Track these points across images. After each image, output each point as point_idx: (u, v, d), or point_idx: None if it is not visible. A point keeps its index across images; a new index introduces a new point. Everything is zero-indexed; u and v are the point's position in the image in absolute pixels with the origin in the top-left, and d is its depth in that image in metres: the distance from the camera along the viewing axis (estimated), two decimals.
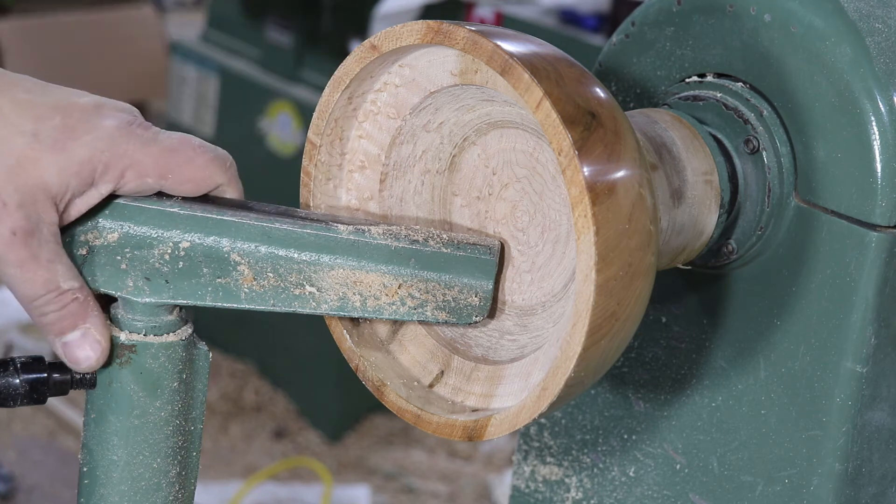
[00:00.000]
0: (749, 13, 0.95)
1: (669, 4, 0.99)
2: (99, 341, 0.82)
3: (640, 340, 1.05)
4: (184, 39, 3.70)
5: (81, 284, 0.81)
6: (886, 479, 0.98)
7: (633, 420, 1.06)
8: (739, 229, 0.95)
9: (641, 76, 1.02)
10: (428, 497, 3.01)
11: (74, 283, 0.81)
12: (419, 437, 3.20)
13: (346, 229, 0.84)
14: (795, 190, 0.94)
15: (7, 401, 0.82)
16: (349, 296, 0.84)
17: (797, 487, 0.96)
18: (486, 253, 0.87)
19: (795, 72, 0.93)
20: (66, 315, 0.81)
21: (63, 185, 0.79)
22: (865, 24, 0.92)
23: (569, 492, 1.11)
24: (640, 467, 1.06)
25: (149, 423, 0.84)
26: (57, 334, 0.81)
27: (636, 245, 0.78)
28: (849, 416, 0.93)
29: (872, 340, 0.92)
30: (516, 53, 0.78)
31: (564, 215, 0.87)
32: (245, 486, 2.86)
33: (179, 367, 0.85)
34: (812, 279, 0.93)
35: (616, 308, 0.77)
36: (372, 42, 0.84)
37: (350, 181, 0.91)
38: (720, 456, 1.00)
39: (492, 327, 0.90)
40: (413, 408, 0.87)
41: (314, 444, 3.18)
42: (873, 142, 0.90)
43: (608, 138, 0.77)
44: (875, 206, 0.90)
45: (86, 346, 0.81)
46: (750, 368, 0.98)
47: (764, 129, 0.94)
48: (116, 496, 0.85)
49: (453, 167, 0.92)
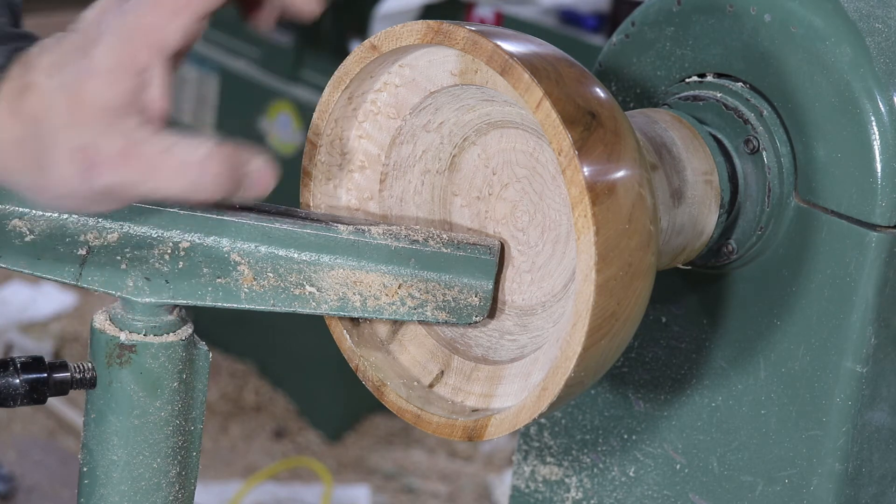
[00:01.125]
0: (749, 13, 0.94)
1: (669, 4, 0.99)
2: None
3: (640, 340, 1.05)
4: None
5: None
6: (886, 479, 0.98)
7: (633, 420, 1.06)
8: (739, 229, 0.95)
9: (641, 76, 1.02)
10: (428, 497, 3.01)
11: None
12: (419, 437, 3.20)
13: (346, 229, 0.84)
14: (795, 190, 0.94)
15: (7, 401, 0.82)
16: (349, 296, 0.84)
17: (797, 487, 0.96)
18: (486, 253, 0.87)
19: (795, 72, 0.93)
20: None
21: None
22: (865, 24, 0.92)
23: (569, 492, 1.11)
24: (640, 467, 1.06)
25: (149, 423, 0.84)
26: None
27: (636, 245, 0.78)
28: (849, 416, 0.93)
29: (872, 340, 0.92)
30: (516, 53, 0.78)
31: (564, 215, 0.87)
32: (245, 486, 2.86)
33: (179, 367, 0.85)
34: (812, 279, 0.93)
35: (616, 308, 0.77)
36: (372, 42, 0.84)
37: (350, 181, 0.91)
38: (720, 456, 1.00)
39: (492, 327, 0.90)
40: (413, 408, 0.87)
41: (314, 444, 3.18)
42: (873, 142, 0.90)
43: (608, 138, 0.77)
44: (875, 206, 0.90)
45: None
46: (750, 368, 0.98)
47: (764, 129, 0.94)
48: (116, 496, 0.85)
49: (453, 167, 0.92)
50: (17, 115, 0.78)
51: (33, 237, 0.82)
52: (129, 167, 0.76)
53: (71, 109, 0.76)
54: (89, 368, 0.84)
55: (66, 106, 0.76)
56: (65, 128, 0.76)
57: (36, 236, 0.82)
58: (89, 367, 0.84)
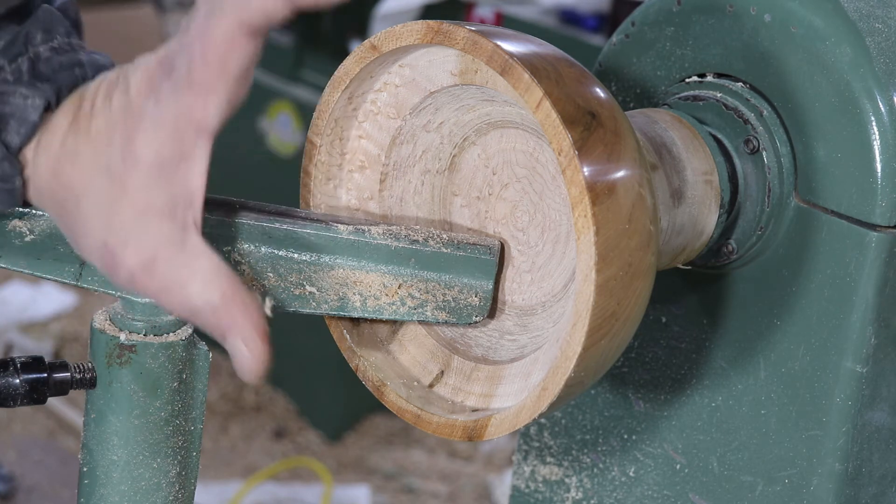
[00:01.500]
0: (749, 13, 0.94)
1: (669, 4, 0.99)
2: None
3: (640, 340, 1.05)
4: None
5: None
6: (886, 479, 0.98)
7: (633, 420, 1.06)
8: (739, 229, 0.95)
9: (641, 76, 1.02)
10: (428, 497, 3.01)
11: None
12: (419, 437, 3.20)
13: (346, 229, 0.84)
14: (795, 190, 0.94)
15: (7, 401, 0.82)
16: (349, 296, 0.84)
17: (797, 487, 0.96)
18: (486, 253, 0.87)
19: (795, 72, 0.93)
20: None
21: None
22: (865, 24, 0.92)
23: (569, 492, 1.11)
24: (640, 467, 1.06)
25: (149, 423, 0.84)
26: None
27: (636, 245, 0.78)
28: (849, 416, 0.93)
29: (872, 340, 0.92)
30: (516, 53, 0.77)
31: (564, 215, 0.87)
32: (245, 486, 2.86)
33: (179, 367, 0.85)
34: (812, 279, 0.93)
35: (616, 308, 0.77)
36: (372, 42, 0.84)
37: (350, 181, 0.91)
38: (720, 456, 1.00)
39: (492, 327, 0.90)
40: (413, 408, 0.87)
41: (314, 444, 3.18)
42: (873, 142, 0.90)
43: (608, 138, 0.77)
44: (875, 206, 0.90)
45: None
46: (750, 368, 0.98)
47: (764, 129, 0.94)
48: (116, 496, 0.85)
49: (453, 167, 0.92)
50: (57, 177, 0.76)
51: (33, 237, 0.81)
52: (146, 283, 0.76)
53: (110, 201, 0.74)
54: (89, 368, 0.84)
55: (106, 196, 0.75)
56: (99, 217, 0.75)
57: (36, 236, 0.82)
58: (89, 367, 0.84)
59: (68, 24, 0.80)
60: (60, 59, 0.78)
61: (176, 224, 0.75)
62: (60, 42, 0.79)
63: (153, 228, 0.74)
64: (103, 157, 0.74)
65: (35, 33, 0.78)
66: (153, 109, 0.73)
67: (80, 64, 0.78)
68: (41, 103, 0.76)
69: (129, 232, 0.74)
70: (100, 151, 0.74)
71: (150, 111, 0.73)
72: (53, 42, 0.79)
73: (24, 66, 0.77)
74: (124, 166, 0.73)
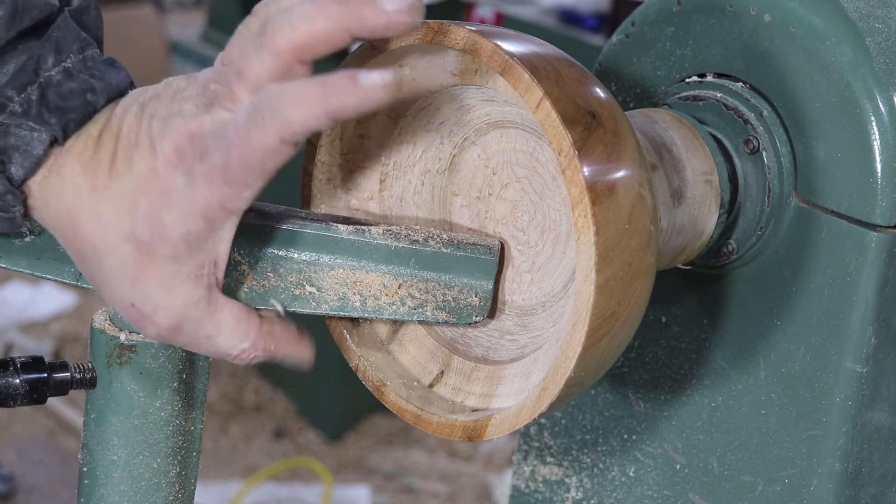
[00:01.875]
0: (749, 13, 0.95)
1: (669, 4, 0.99)
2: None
3: (640, 340, 1.05)
4: (184, 39, 3.69)
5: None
6: (886, 479, 0.98)
7: (633, 420, 1.06)
8: (739, 229, 0.95)
9: (641, 76, 1.02)
10: (428, 497, 3.01)
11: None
12: (419, 437, 3.20)
13: (346, 229, 0.84)
14: (795, 190, 0.94)
15: (7, 401, 0.82)
16: (349, 296, 0.84)
17: (797, 487, 0.96)
18: (486, 253, 0.87)
19: (795, 72, 0.93)
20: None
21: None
22: (865, 24, 0.92)
23: (569, 492, 1.11)
24: (640, 467, 1.06)
25: (149, 423, 0.84)
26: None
27: (636, 245, 0.78)
28: (849, 416, 0.93)
29: (872, 340, 0.92)
30: (516, 53, 0.77)
31: (564, 215, 0.87)
32: (245, 486, 2.86)
33: (179, 367, 0.85)
34: (812, 279, 0.93)
35: (616, 308, 0.77)
36: (372, 42, 0.84)
37: (350, 181, 0.91)
38: (720, 456, 1.00)
39: (492, 327, 0.90)
40: (413, 408, 0.87)
41: (314, 444, 3.18)
42: (873, 142, 0.90)
43: (608, 138, 0.77)
44: (875, 206, 0.90)
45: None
46: (750, 368, 0.98)
47: (764, 129, 0.94)
48: (116, 496, 0.85)
49: (453, 167, 0.92)
50: (74, 228, 0.75)
51: (33, 237, 0.81)
52: (174, 338, 0.77)
53: (136, 266, 0.74)
54: (89, 368, 0.84)
55: (132, 262, 0.74)
56: (124, 279, 0.75)
57: (36, 236, 0.81)
58: (89, 367, 0.84)
59: (84, 35, 0.78)
60: (71, 84, 0.76)
61: (202, 285, 0.75)
62: (74, 62, 0.77)
63: (180, 292, 0.75)
64: (127, 223, 0.74)
65: (47, 57, 0.76)
66: (184, 189, 0.72)
67: (93, 90, 0.76)
68: (47, 138, 0.74)
69: (157, 298, 0.75)
70: (123, 217, 0.74)
71: (179, 189, 0.73)
72: (67, 61, 0.77)
73: (33, 95, 0.75)
74: (151, 238, 0.73)
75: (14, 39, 0.75)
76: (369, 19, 0.71)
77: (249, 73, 0.72)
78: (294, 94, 0.71)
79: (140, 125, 0.75)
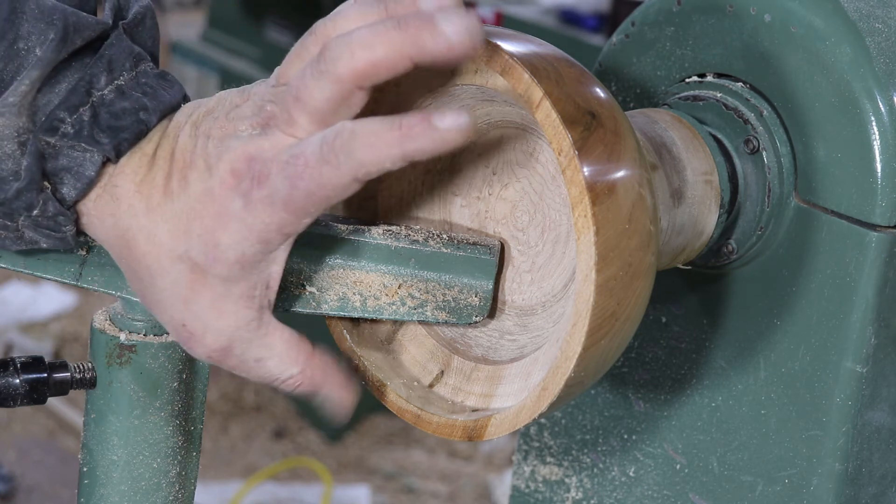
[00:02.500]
0: (749, 13, 0.95)
1: (669, 4, 0.99)
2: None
3: (640, 340, 1.05)
4: (184, 39, 3.70)
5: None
6: (886, 479, 0.98)
7: (633, 420, 1.06)
8: (739, 229, 0.95)
9: (641, 76, 1.02)
10: (428, 497, 3.01)
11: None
12: (419, 437, 3.20)
13: (346, 229, 0.84)
14: (795, 190, 0.94)
15: (7, 401, 0.82)
16: (349, 296, 0.84)
17: (797, 487, 0.96)
18: (486, 253, 0.87)
19: (795, 72, 0.93)
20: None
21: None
22: (865, 24, 0.92)
23: (569, 492, 1.11)
24: (640, 467, 1.06)
25: (149, 423, 0.84)
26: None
27: (636, 245, 0.78)
28: (849, 416, 0.93)
29: (872, 340, 0.92)
30: (516, 53, 0.77)
31: (564, 215, 0.87)
32: (245, 486, 2.86)
33: (179, 367, 0.85)
34: (812, 279, 0.93)
35: (616, 308, 0.77)
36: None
37: None
38: (720, 456, 1.00)
39: (492, 327, 0.90)
40: (413, 408, 0.87)
41: (314, 444, 3.18)
42: (873, 142, 0.90)
43: (608, 138, 0.77)
44: (875, 206, 0.90)
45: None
46: (750, 368, 0.98)
47: (764, 129, 0.94)
48: (116, 496, 0.85)
49: (453, 167, 0.92)
50: (128, 246, 0.75)
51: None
52: (223, 361, 0.77)
53: (189, 287, 0.74)
54: (89, 368, 0.84)
55: (186, 282, 0.74)
56: (176, 299, 0.75)
57: None
58: (89, 367, 0.84)
59: (138, 50, 0.77)
60: (124, 104, 0.75)
61: (253, 307, 0.75)
62: (126, 79, 0.76)
63: (231, 313, 0.75)
64: (182, 245, 0.74)
65: (99, 76, 0.75)
66: (242, 213, 0.72)
67: (145, 108, 0.75)
68: (99, 159, 0.74)
69: (208, 319, 0.75)
70: (178, 238, 0.74)
71: (237, 213, 0.72)
72: (120, 79, 0.76)
73: (85, 115, 0.74)
74: (205, 260, 0.73)
75: (67, 58, 0.75)
76: (430, 46, 0.70)
77: (308, 99, 0.72)
78: (371, 136, 0.70)
79: (195, 145, 0.74)
